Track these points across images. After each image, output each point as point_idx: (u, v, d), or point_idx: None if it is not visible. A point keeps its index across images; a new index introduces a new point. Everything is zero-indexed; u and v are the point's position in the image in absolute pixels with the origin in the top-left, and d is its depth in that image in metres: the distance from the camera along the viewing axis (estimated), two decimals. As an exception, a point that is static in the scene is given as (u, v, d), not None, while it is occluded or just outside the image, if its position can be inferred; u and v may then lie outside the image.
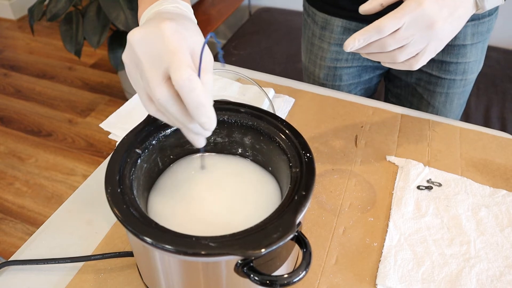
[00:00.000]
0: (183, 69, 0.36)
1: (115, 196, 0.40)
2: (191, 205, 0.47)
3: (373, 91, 0.96)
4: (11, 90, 2.23)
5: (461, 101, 0.88)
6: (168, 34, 0.37)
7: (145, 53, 0.37)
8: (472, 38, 0.78)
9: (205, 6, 1.96)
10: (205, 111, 0.37)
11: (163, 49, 0.37)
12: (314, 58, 0.90)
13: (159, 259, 0.40)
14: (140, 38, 0.38)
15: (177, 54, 0.36)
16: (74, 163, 1.81)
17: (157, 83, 0.37)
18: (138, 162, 0.45)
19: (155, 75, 0.37)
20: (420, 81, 0.86)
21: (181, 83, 0.35)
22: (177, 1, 0.46)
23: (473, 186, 0.61)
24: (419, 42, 0.51)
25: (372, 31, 0.49)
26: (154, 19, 0.41)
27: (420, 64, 0.53)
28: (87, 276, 0.50)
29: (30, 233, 1.54)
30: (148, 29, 0.38)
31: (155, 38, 0.37)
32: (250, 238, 0.36)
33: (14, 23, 2.80)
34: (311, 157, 0.44)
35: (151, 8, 0.46)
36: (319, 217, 0.58)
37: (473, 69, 0.83)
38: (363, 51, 0.52)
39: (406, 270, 0.51)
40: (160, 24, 0.38)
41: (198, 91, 0.36)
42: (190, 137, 0.42)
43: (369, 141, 0.70)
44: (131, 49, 0.38)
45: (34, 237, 0.55)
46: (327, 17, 0.83)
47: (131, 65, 0.40)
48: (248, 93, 0.77)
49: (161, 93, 0.37)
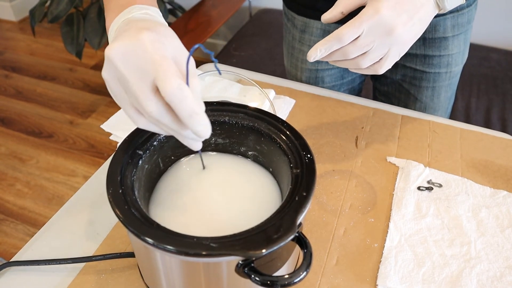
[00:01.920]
0: (171, 78, 0.34)
1: (116, 197, 0.40)
2: (192, 205, 0.47)
3: (358, 91, 0.97)
4: (12, 91, 2.23)
5: (448, 94, 0.88)
6: (149, 44, 0.36)
7: (128, 68, 0.36)
8: (452, 30, 0.78)
9: (205, 8, 1.96)
10: (199, 119, 0.36)
11: (147, 61, 0.35)
12: (295, 61, 0.90)
13: (160, 260, 0.40)
14: (120, 53, 0.36)
15: (162, 64, 0.35)
16: (75, 164, 1.81)
17: (146, 96, 0.36)
18: (139, 163, 0.45)
19: (143, 88, 0.36)
20: (405, 77, 0.86)
21: (172, 93, 0.34)
22: (145, 7, 0.45)
23: (474, 187, 0.61)
24: (381, 48, 0.51)
25: (332, 41, 0.50)
26: (128, 30, 0.39)
27: (385, 69, 0.54)
28: (88, 277, 0.50)
29: (31, 234, 1.54)
30: (126, 42, 0.37)
31: (136, 51, 0.36)
32: (251, 239, 0.36)
33: (15, 25, 2.80)
34: (312, 158, 0.44)
35: (120, 17, 0.44)
36: (319, 217, 0.58)
37: (457, 61, 0.83)
38: (327, 59, 0.53)
39: (407, 270, 0.51)
40: (138, 35, 0.36)
41: (190, 100, 0.35)
42: (186, 143, 0.41)
43: (369, 142, 0.70)
44: (112, 65, 0.37)
45: (35, 238, 0.55)
46: (306, 20, 0.84)
47: (113, 81, 0.38)
48: (248, 94, 0.77)
49: (151, 106, 0.36)
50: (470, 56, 0.85)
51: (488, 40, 1.79)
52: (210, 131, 0.38)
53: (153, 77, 0.35)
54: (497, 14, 1.73)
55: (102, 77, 0.39)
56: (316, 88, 0.83)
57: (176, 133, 0.39)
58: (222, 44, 2.39)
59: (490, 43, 1.79)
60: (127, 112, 0.39)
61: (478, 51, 1.72)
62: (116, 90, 0.39)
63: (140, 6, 0.45)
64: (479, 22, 1.76)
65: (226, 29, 2.37)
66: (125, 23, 0.42)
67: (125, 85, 0.37)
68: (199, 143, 0.41)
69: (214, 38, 2.42)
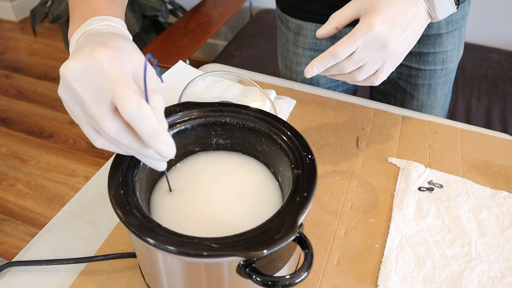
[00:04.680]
0: (130, 97, 0.33)
1: (118, 197, 0.40)
2: (193, 206, 0.47)
3: (354, 91, 0.97)
4: (13, 92, 2.23)
5: (444, 91, 0.88)
6: (106, 62, 0.34)
7: (84, 88, 0.34)
8: (446, 26, 0.79)
9: (206, 8, 1.97)
10: (161, 138, 0.34)
11: (103, 80, 0.34)
12: (290, 64, 0.90)
13: (161, 260, 0.40)
14: (76, 72, 0.35)
15: (119, 82, 0.34)
16: (75, 165, 1.81)
17: (104, 117, 0.34)
18: (140, 163, 0.45)
19: (100, 109, 0.34)
20: (401, 75, 0.86)
21: (130, 113, 0.33)
22: (108, 18, 0.43)
23: (474, 188, 0.62)
24: (376, 62, 0.52)
25: (328, 57, 0.51)
26: (85, 46, 0.37)
27: (381, 80, 0.55)
28: (89, 277, 0.50)
29: (32, 234, 1.54)
30: (81, 60, 0.35)
31: (91, 70, 0.34)
32: (252, 239, 0.36)
33: (16, 25, 2.81)
34: (313, 158, 0.44)
35: (81, 28, 0.42)
36: (320, 218, 0.58)
37: (453, 58, 0.83)
38: (323, 74, 0.54)
39: (408, 271, 0.51)
40: (94, 53, 0.35)
41: (150, 119, 0.33)
42: (149, 163, 0.39)
43: (370, 143, 0.70)
44: (67, 84, 0.35)
45: (36, 238, 0.55)
46: (300, 23, 0.84)
47: (69, 100, 0.37)
48: (249, 95, 0.77)
49: (110, 127, 0.34)
50: (470, 56, 0.85)
51: (489, 41, 1.79)
52: (174, 150, 0.36)
53: (111, 96, 0.34)
54: (497, 14, 1.73)
55: (59, 95, 0.37)
56: (317, 89, 0.83)
57: (138, 154, 0.37)
58: (223, 44, 2.39)
59: (491, 44, 1.79)
60: (85, 131, 0.37)
61: (479, 52, 1.72)
62: (73, 109, 0.37)
63: (102, 17, 0.43)
64: (480, 23, 1.76)
65: (227, 30, 2.37)
66: (85, 36, 0.41)
67: (81, 105, 0.35)
68: (163, 163, 0.39)
69: (215, 39, 2.43)
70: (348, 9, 0.53)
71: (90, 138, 0.37)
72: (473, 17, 1.12)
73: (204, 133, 0.51)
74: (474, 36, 1.78)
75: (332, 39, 0.83)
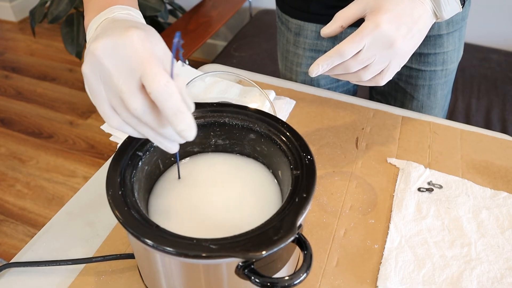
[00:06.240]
0: (159, 74, 0.34)
1: (116, 198, 0.40)
2: (192, 207, 0.47)
3: (354, 92, 0.97)
4: (12, 92, 2.23)
5: (444, 92, 0.88)
6: (137, 42, 0.36)
7: (115, 64, 0.36)
8: (447, 27, 0.79)
9: (205, 8, 1.96)
10: (184, 117, 0.35)
11: (135, 58, 0.35)
12: (290, 65, 0.90)
13: (160, 261, 0.40)
14: (107, 50, 0.36)
15: (150, 61, 0.35)
16: (75, 165, 1.81)
17: (132, 93, 0.35)
18: (139, 164, 0.45)
19: (129, 85, 0.35)
20: (401, 75, 0.86)
21: (159, 89, 0.34)
22: (127, 8, 0.45)
23: (474, 188, 0.61)
24: (382, 61, 0.52)
25: (334, 56, 0.50)
26: (115, 28, 0.38)
27: (386, 80, 0.54)
28: (88, 278, 0.50)
29: (31, 235, 1.54)
30: (114, 38, 0.36)
31: (124, 48, 0.36)
32: (251, 240, 0.36)
33: (15, 25, 2.81)
34: (312, 159, 0.44)
35: (101, 15, 0.43)
36: (320, 219, 0.58)
37: (453, 58, 0.83)
38: (328, 73, 0.53)
39: (407, 272, 0.51)
40: (127, 32, 0.36)
41: (176, 97, 0.35)
42: (163, 145, 0.39)
43: (370, 143, 0.70)
44: (97, 60, 0.36)
45: (35, 239, 0.55)
46: (300, 23, 0.84)
47: (94, 77, 0.37)
48: (249, 95, 0.77)
49: (136, 102, 0.35)
50: (470, 57, 0.85)
51: (488, 41, 1.79)
52: (194, 132, 0.36)
53: (140, 74, 0.35)
54: (497, 15, 1.73)
55: (82, 71, 0.38)
56: (316, 89, 0.83)
57: (154, 134, 0.38)
58: (222, 44, 2.39)
59: (490, 44, 1.79)
60: (102, 110, 0.38)
61: (478, 52, 1.72)
62: (95, 86, 0.37)
63: (122, 6, 0.44)
64: (480, 23, 1.76)
65: (226, 30, 2.37)
66: (109, 21, 0.42)
67: (109, 81, 0.36)
68: (176, 145, 0.40)
69: (214, 39, 2.43)
70: (354, 7, 0.53)
71: (106, 117, 0.38)
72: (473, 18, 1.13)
73: (203, 133, 0.51)
74: (474, 37, 1.78)
75: (333, 40, 0.83)
